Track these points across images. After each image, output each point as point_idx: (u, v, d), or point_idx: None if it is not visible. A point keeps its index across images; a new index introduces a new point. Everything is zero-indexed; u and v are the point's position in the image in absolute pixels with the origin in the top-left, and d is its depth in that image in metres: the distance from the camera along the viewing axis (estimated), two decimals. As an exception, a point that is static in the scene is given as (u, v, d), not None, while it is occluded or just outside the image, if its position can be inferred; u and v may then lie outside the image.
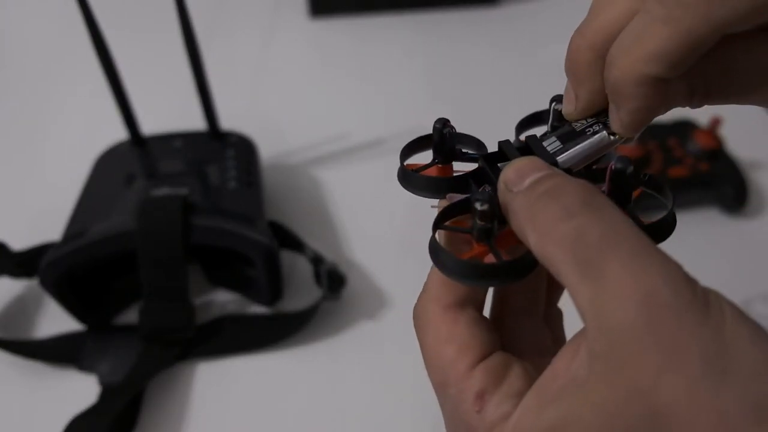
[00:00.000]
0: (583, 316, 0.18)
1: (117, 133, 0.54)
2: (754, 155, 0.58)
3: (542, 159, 0.21)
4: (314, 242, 0.51)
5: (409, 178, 0.23)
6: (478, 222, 0.20)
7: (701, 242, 0.52)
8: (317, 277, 0.47)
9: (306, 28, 0.81)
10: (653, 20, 0.19)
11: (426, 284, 0.23)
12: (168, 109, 0.63)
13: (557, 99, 0.24)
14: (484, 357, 0.21)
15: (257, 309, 0.48)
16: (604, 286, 0.17)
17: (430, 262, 0.23)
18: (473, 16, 0.81)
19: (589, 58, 0.21)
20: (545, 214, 0.19)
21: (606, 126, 0.22)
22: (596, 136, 0.22)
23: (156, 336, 0.44)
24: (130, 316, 0.48)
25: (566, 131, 0.23)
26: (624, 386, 0.16)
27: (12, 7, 0.88)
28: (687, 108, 0.22)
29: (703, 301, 0.17)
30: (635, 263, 0.17)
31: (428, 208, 0.25)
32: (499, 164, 0.22)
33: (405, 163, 0.24)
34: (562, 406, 0.18)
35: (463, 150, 0.24)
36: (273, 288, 0.46)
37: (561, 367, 0.19)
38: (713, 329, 0.16)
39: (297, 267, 0.51)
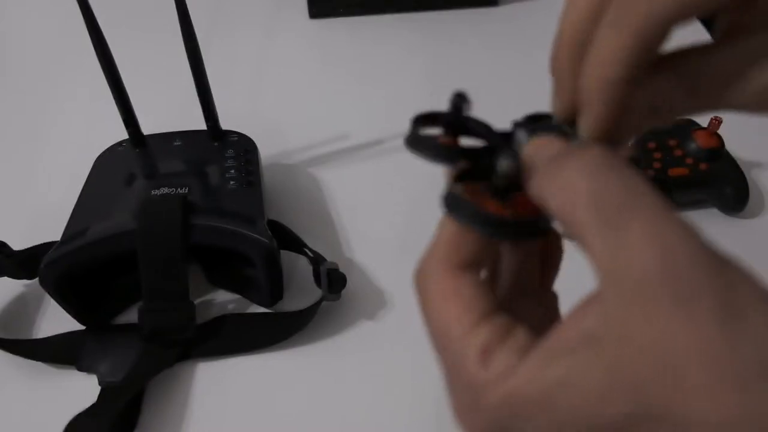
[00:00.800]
0: (600, 275, 0.18)
1: (117, 133, 0.54)
2: (754, 155, 0.58)
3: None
4: (314, 242, 0.51)
5: (421, 142, 0.23)
6: (500, 179, 0.21)
7: (701, 242, 0.52)
8: (317, 277, 0.47)
9: (306, 28, 0.81)
10: (605, 25, 0.20)
11: (431, 245, 0.23)
12: (168, 109, 0.63)
13: None
14: (488, 315, 0.21)
15: (257, 309, 0.48)
16: (624, 244, 0.17)
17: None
18: (473, 16, 0.81)
19: (566, 56, 0.22)
20: (569, 176, 0.19)
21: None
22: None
23: (156, 336, 0.44)
24: (130, 316, 0.48)
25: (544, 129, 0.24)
26: (637, 342, 0.17)
27: (12, 7, 0.88)
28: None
29: (719, 260, 0.17)
30: (656, 223, 0.17)
31: (428, 208, 0.25)
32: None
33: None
34: (571, 361, 0.18)
35: (473, 125, 0.25)
36: (273, 288, 0.46)
37: (571, 325, 0.19)
38: (728, 284, 0.16)
39: (297, 267, 0.51)
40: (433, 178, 0.58)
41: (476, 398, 0.20)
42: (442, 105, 0.25)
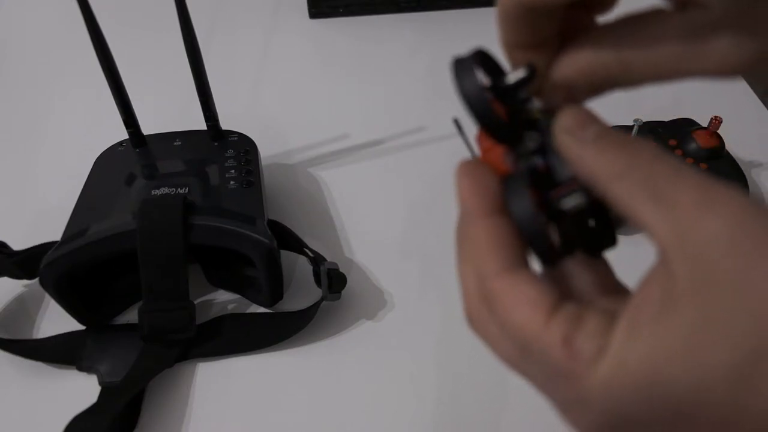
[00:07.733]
0: (662, 247, 0.19)
1: (117, 133, 0.54)
2: (754, 155, 0.58)
3: None
4: (314, 242, 0.51)
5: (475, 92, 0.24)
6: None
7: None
8: (317, 277, 0.47)
9: (306, 28, 0.81)
10: None
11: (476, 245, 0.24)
12: (168, 109, 0.63)
13: None
14: (557, 306, 0.21)
15: (257, 309, 0.48)
16: (680, 215, 0.19)
17: (429, 263, 0.23)
18: (474, 16, 0.81)
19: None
20: (617, 163, 0.20)
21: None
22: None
23: (156, 336, 0.44)
24: (130, 316, 0.48)
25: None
26: (712, 305, 0.17)
27: (12, 7, 0.88)
28: (688, 107, 0.23)
29: None
30: (703, 192, 0.19)
31: (426, 208, 0.25)
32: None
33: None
34: (655, 336, 0.18)
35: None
36: (273, 288, 0.46)
37: (648, 294, 0.19)
38: None
39: (297, 267, 0.51)
40: (433, 178, 0.59)
41: (576, 388, 0.20)
42: (442, 106, 0.25)
